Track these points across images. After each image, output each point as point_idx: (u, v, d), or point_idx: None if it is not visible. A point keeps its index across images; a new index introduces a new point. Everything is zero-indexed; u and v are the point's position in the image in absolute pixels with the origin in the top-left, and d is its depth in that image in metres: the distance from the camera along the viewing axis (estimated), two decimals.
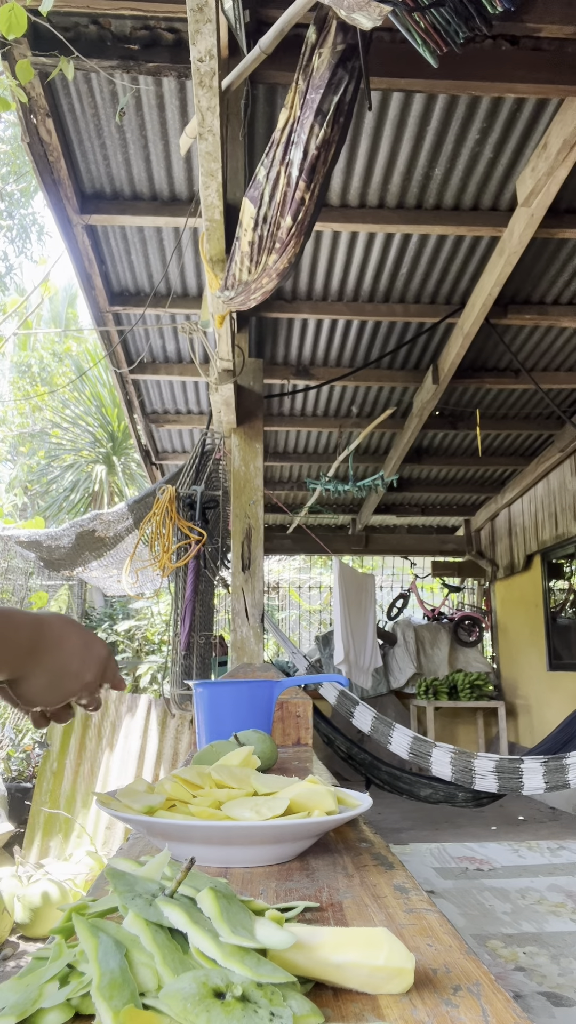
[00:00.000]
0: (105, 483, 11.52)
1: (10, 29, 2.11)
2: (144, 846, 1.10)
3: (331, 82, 1.78)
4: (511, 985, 2.44)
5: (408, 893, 0.85)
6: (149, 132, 3.19)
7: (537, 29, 2.56)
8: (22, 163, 12.91)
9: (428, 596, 10.32)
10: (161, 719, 5.16)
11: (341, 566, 7.74)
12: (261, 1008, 0.49)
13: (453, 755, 4.17)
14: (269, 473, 7.48)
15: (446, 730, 8.53)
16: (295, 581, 12.48)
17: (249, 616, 3.82)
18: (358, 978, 0.57)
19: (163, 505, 4.11)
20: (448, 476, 7.84)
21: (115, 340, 4.65)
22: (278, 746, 2.13)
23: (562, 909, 3.17)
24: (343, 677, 1.76)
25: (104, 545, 5.69)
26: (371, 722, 4.54)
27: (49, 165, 3.23)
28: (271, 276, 2.17)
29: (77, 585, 8.12)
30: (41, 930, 3.87)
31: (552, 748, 4.29)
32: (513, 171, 3.44)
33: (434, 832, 5.80)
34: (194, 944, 0.55)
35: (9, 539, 5.67)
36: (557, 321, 4.49)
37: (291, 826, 0.89)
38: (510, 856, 4.00)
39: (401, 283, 4.28)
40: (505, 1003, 0.56)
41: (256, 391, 4.08)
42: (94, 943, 0.54)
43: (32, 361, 13.27)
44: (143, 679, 8.18)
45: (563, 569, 7.66)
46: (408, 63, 2.60)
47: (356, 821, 1.22)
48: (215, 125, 1.91)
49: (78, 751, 5.12)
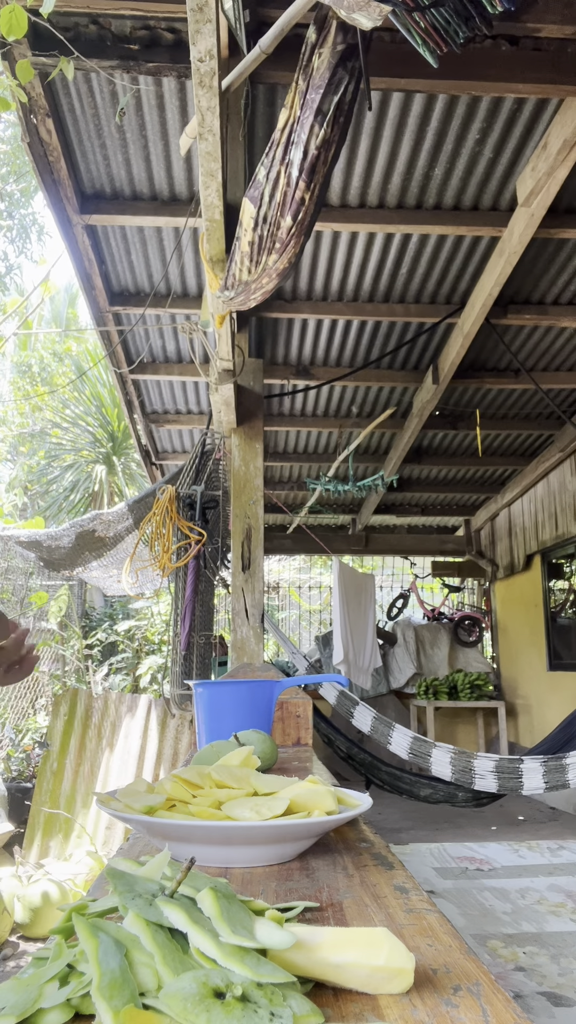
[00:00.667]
0: (105, 483, 11.52)
1: (11, 30, 2.11)
2: (144, 846, 1.10)
3: (331, 82, 1.78)
4: (511, 985, 2.44)
5: (408, 893, 0.85)
6: (149, 132, 3.19)
7: (537, 29, 2.56)
8: (22, 163, 12.91)
9: (428, 596, 10.32)
10: (161, 719, 5.16)
11: (341, 566, 7.74)
12: (261, 1008, 0.49)
13: (453, 755, 4.17)
14: (269, 473, 7.48)
15: (446, 730, 8.53)
16: (295, 581, 12.48)
17: (249, 616, 3.82)
18: (358, 978, 0.57)
19: (163, 505, 4.11)
20: (448, 476, 7.84)
21: (115, 340, 4.65)
22: (278, 746, 2.13)
23: (562, 909, 3.17)
24: (343, 677, 1.76)
25: (104, 545, 5.69)
26: (371, 722, 4.55)
27: (49, 165, 3.23)
28: (271, 276, 2.17)
29: (77, 585, 8.12)
30: (41, 930, 3.87)
31: (552, 748, 4.29)
32: (513, 171, 3.44)
33: (434, 832, 5.80)
34: (194, 944, 0.55)
35: (9, 539, 5.67)
36: (557, 321, 4.49)
37: (291, 826, 0.89)
38: (510, 856, 4.00)
39: (401, 283, 4.28)
40: (505, 1003, 0.56)
41: (256, 391, 4.08)
42: (94, 943, 0.54)
43: (32, 361, 13.26)
44: (143, 679, 8.18)
45: (563, 569, 7.66)
46: (408, 63, 2.60)
47: (356, 821, 1.22)
48: (215, 125, 1.91)
49: (78, 751, 5.12)
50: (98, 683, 7.65)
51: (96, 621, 8.85)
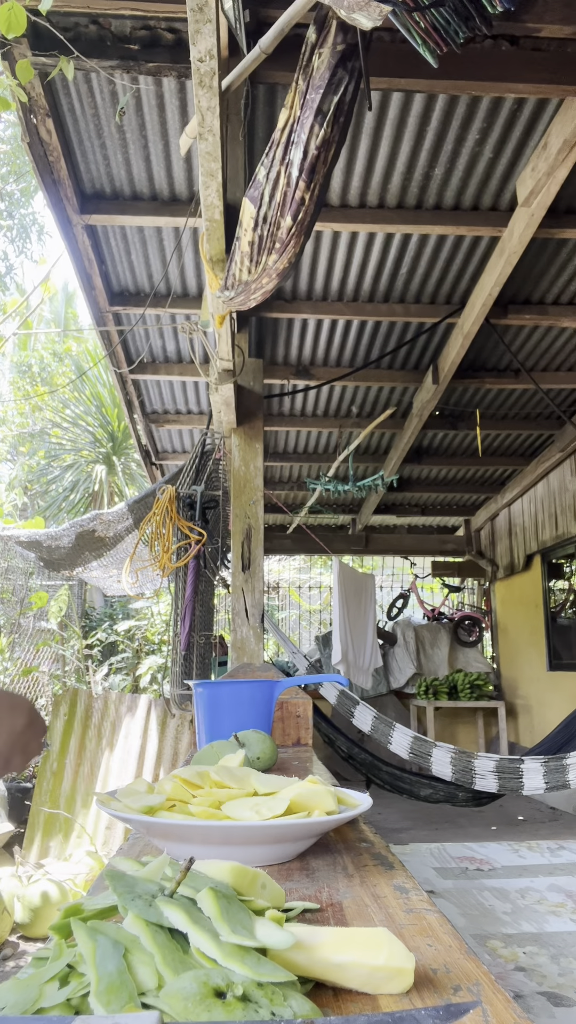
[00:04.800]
0: (105, 483, 11.52)
1: (10, 28, 2.10)
2: (144, 846, 1.10)
3: (331, 82, 1.78)
4: (511, 985, 2.45)
5: (408, 893, 0.85)
6: (149, 132, 3.19)
7: (537, 29, 2.56)
8: (22, 163, 12.91)
9: (428, 596, 10.32)
10: (161, 719, 5.16)
11: (341, 566, 7.74)
12: (262, 1008, 0.49)
13: (453, 755, 4.17)
14: (269, 473, 7.48)
15: (446, 730, 8.53)
16: (295, 581, 12.48)
17: (249, 616, 3.82)
18: (358, 978, 0.57)
19: (163, 505, 4.11)
20: (448, 476, 7.84)
21: (115, 340, 4.65)
22: (278, 746, 2.13)
23: (562, 909, 3.17)
24: (343, 677, 1.76)
25: (104, 545, 5.69)
26: (371, 722, 4.55)
27: (49, 165, 3.23)
28: (271, 276, 2.17)
29: (77, 585, 8.12)
30: (41, 930, 3.87)
31: (552, 748, 4.29)
32: (513, 171, 3.44)
33: (434, 832, 5.80)
34: (194, 944, 0.55)
35: (9, 539, 5.67)
36: (557, 321, 4.49)
37: (291, 826, 0.89)
38: (510, 856, 4.00)
39: (401, 283, 4.28)
40: (505, 1003, 0.56)
41: (256, 391, 4.08)
42: (92, 946, 0.54)
43: (32, 361, 13.26)
44: (143, 679, 8.18)
45: (563, 569, 7.66)
46: (408, 63, 2.60)
47: (356, 821, 1.22)
48: (215, 125, 1.91)
49: (78, 751, 5.12)
50: (98, 683, 7.65)
51: (96, 621, 8.85)
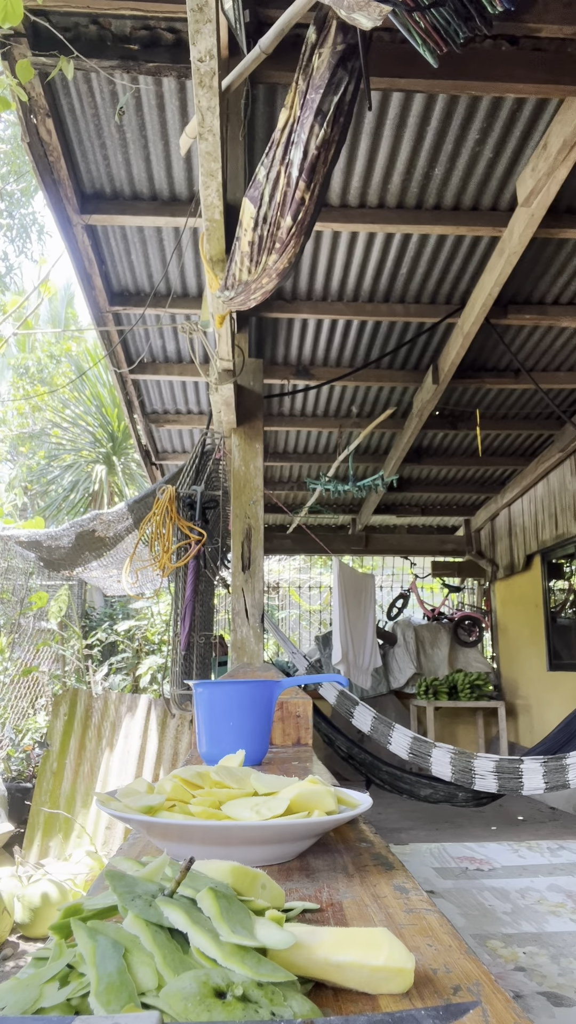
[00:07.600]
0: (105, 483, 11.52)
1: (5, 18, 2.07)
2: (144, 846, 1.10)
3: (331, 82, 1.78)
4: (511, 985, 2.44)
5: (408, 893, 0.85)
6: (149, 132, 3.19)
7: (537, 29, 2.56)
8: (22, 163, 12.90)
9: (428, 596, 10.32)
10: (161, 719, 5.16)
11: (341, 566, 7.74)
12: (262, 1008, 0.49)
13: (453, 755, 4.17)
14: (269, 473, 7.48)
15: (446, 730, 8.53)
16: (295, 581, 12.48)
17: (249, 616, 3.82)
18: (358, 978, 0.57)
19: (163, 505, 4.11)
20: (448, 476, 7.84)
21: (115, 340, 4.65)
22: (278, 746, 2.13)
23: (562, 909, 3.17)
24: (343, 677, 1.76)
25: (104, 545, 5.69)
26: (371, 722, 4.55)
27: (49, 165, 3.23)
28: (271, 276, 2.17)
29: (77, 585, 8.12)
30: (41, 930, 3.87)
31: (552, 748, 4.29)
32: (513, 171, 3.44)
33: (434, 832, 5.80)
34: (194, 944, 0.55)
35: (9, 539, 5.67)
36: (557, 321, 4.49)
37: (291, 826, 0.89)
38: (510, 856, 4.00)
39: (401, 283, 4.28)
40: (505, 1003, 0.56)
41: (256, 391, 4.08)
42: (92, 947, 0.54)
43: (30, 363, 13.25)
44: (143, 679, 8.18)
45: (563, 569, 7.66)
46: (408, 63, 2.60)
47: (356, 821, 1.22)
48: (215, 125, 1.91)
49: (78, 751, 5.12)
50: (98, 683, 7.65)
51: (96, 621, 8.85)
